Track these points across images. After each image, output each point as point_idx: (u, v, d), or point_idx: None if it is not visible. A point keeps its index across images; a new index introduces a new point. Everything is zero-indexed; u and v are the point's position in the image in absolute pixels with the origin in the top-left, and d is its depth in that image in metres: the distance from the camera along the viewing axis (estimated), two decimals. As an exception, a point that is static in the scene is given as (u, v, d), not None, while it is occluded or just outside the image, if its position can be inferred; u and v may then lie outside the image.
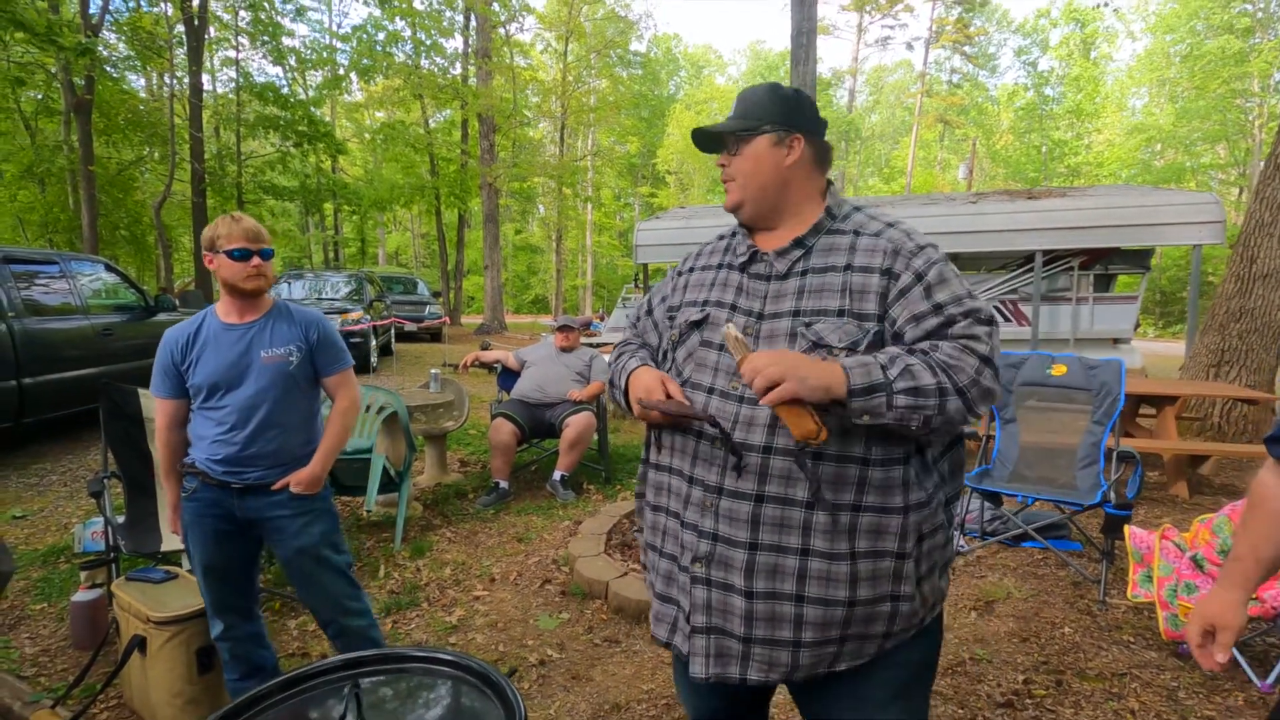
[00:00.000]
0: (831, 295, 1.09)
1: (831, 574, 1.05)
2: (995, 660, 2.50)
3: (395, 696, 1.08)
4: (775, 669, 1.09)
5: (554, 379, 4.58)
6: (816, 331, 1.07)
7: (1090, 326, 7.84)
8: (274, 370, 1.93)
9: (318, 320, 2.05)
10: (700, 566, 1.11)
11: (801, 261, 1.14)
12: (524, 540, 3.72)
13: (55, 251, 5.80)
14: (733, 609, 1.09)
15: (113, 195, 14.97)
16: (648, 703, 2.29)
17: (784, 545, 1.06)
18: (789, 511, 1.06)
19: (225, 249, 1.87)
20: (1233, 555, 1.14)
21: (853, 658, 1.09)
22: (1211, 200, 7.18)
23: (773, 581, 1.06)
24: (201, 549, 1.95)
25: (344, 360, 2.09)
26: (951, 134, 37.47)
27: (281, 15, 15.94)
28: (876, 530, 1.06)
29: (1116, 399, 3.28)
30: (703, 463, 1.12)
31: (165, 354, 1.94)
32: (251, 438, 1.91)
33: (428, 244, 34.17)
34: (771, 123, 1.16)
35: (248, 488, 1.92)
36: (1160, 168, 28.70)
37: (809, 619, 1.06)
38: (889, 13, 32.50)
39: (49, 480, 4.68)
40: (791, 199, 1.18)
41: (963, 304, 1.06)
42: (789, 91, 1.19)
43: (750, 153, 1.17)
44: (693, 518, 1.13)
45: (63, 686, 2.30)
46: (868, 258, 1.10)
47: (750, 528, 1.07)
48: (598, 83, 25.57)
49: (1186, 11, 27.79)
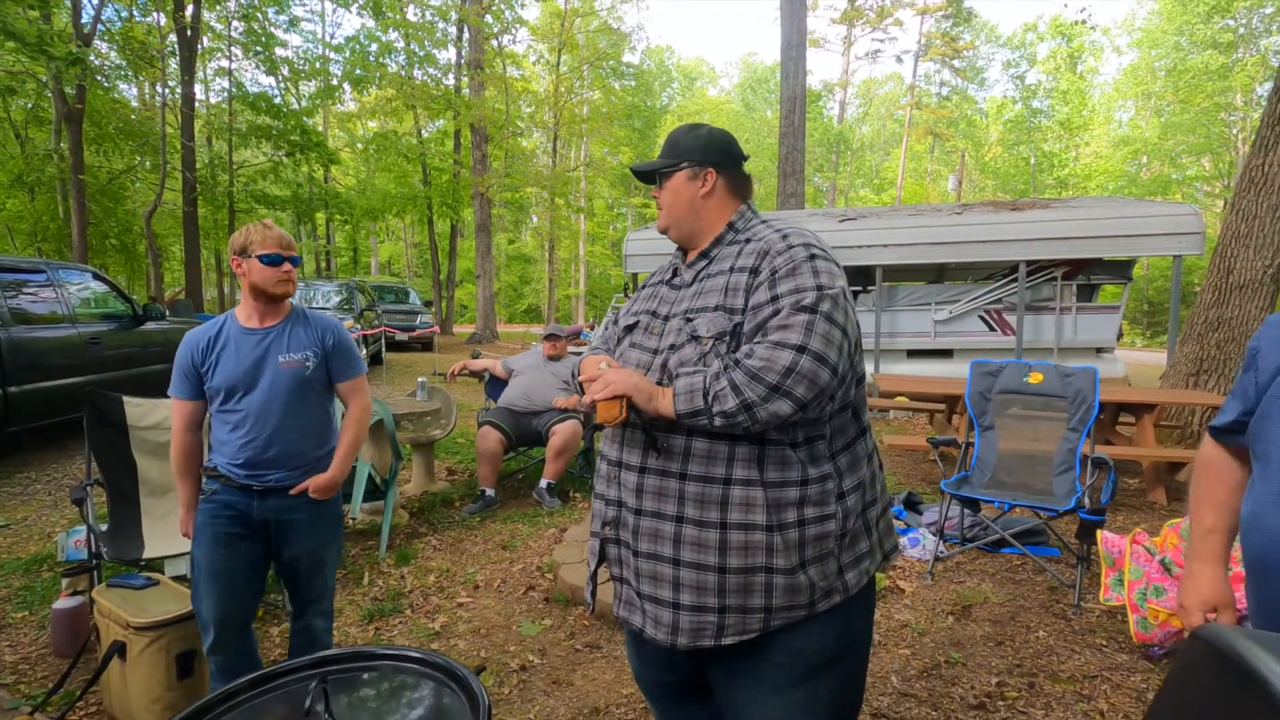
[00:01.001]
0: (713, 295, 1.24)
1: (702, 541, 1.16)
2: (970, 663, 2.53)
3: (362, 692, 1.11)
4: (660, 627, 1.21)
5: (541, 387, 4.61)
6: (694, 325, 1.22)
7: (1074, 336, 7.95)
8: (290, 375, 1.99)
9: (334, 327, 2.12)
10: (610, 530, 1.29)
11: (703, 270, 1.31)
12: (509, 548, 3.74)
13: (43, 260, 5.79)
14: (629, 565, 1.24)
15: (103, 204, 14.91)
16: (627, 706, 2.31)
17: (662, 512, 1.19)
18: (666, 482, 1.19)
19: (258, 254, 1.94)
20: (1204, 530, 1.17)
21: (738, 631, 1.17)
22: (1191, 212, 7.31)
23: (654, 544, 1.20)
24: (209, 552, 1.95)
25: (358, 367, 2.16)
26: (941, 146, 37.86)
27: (275, 26, 16.00)
28: (745, 503, 1.15)
29: (1091, 406, 3.34)
30: (608, 442, 1.31)
31: (185, 355, 1.99)
32: (269, 441, 1.96)
33: (420, 253, 34.17)
34: (688, 160, 1.35)
35: (268, 490, 1.98)
36: (1146, 180, 29.08)
37: (684, 581, 1.18)
38: (878, 26, 32.87)
39: (33, 489, 4.67)
40: (706, 222, 1.36)
41: (796, 294, 1.13)
42: (703, 131, 1.38)
43: (671, 186, 1.37)
44: (601, 489, 1.32)
45: (42, 693, 2.31)
46: (745, 259, 1.24)
47: (637, 495, 1.22)
48: (591, 94, 25.73)
49: (1171, 27, 28.28)
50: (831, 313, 1.12)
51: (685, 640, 1.18)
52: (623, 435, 1.27)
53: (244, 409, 1.95)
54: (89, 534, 2.68)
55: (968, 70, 37.06)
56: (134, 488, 2.99)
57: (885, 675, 2.46)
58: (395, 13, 17.14)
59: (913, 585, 3.20)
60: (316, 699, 1.00)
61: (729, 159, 1.37)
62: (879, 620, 2.86)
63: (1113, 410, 5.20)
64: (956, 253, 8.04)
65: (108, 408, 2.96)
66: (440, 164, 20.09)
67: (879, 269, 8.11)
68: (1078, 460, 3.32)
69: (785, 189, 14.04)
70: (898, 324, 8.41)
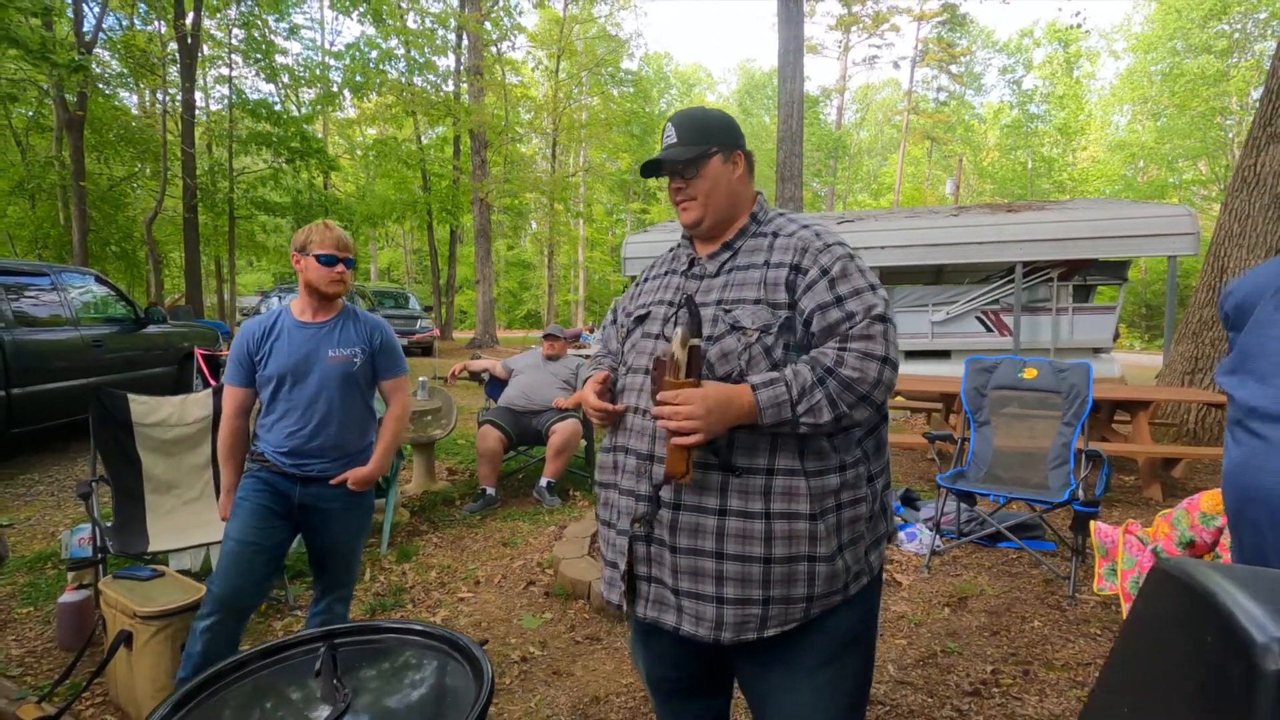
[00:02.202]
0: (750, 287, 1.23)
1: (747, 532, 1.15)
2: (966, 653, 2.56)
3: (370, 662, 1.14)
4: (703, 623, 1.17)
5: (540, 387, 4.65)
6: (734, 316, 1.20)
7: (1070, 336, 7.99)
8: (339, 369, 2.08)
9: (382, 326, 2.24)
10: (640, 526, 1.22)
11: (729, 261, 1.29)
12: (510, 545, 3.76)
13: (46, 264, 5.83)
14: (664, 562, 1.20)
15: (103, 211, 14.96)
16: (626, 695, 2.34)
17: (704, 506, 1.16)
18: (708, 475, 1.16)
19: (316, 253, 2.05)
20: None
21: (780, 622, 1.17)
22: (1185, 213, 7.36)
23: (695, 539, 1.17)
24: (243, 522, 2.01)
25: (402, 367, 2.27)
26: (939, 150, 38.00)
27: (275, 34, 16.09)
28: (789, 493, 1.15)
29: (1085, 400, 3.38)
30: (635, 435, 1.25)
31: (241, 344, 2.09)
32: (316, 431, 2.05)
33: (420, 259, 34.24)
34: (718, 144, 1.30)
35: (310, 478, 2.07)
36: (1144, 184, 29.20)
37: (728, 574, 1.16)
38: (875, 32, 33.03)
39: (36, 490, 4.69)
40: (740, 208, 1.33)
41: (863, 298, 1.17)
42: (718, 114, 1.34)
43: (708, 174, 1.30)
44: (629, 484, 1.25)
45: (48, 684, 2.33)
46: (781, 255, 1.24)
47: (674, 490, 1.18)
48: (589, 100, 25.85)
49: (1166, 33, 28.45)
50: (893, 319, 1.19)
51: (730, 635, 1.16)
52: (654, 429, 1.21)
53: (294, 399, 2.05)
54: (94, 528, 2.71)
55: (965, 75, 37.23)
56: (139, 484, 3.02)
57: (882, 664, 2.49)
58: (395, 20, 17.24)
59: (910, 579, 3.23)
60: (326, 664, 1.03)
61: (743, 139, 1.35)
62: (876, 612, 2.89)
63: (1109, 408, 5.23)
64: (953, 254, 8.09)
65: (113, 405, 2.99)
66: (440, 170, 20.17)
67: (876, 270, 8.16)
68: (1072, 454, 3.35)
69: (783, 193, 14.10)
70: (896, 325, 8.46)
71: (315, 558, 2.19)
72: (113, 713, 2.24)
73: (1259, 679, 0.38)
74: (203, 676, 1.05)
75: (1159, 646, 0.53)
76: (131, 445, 3.04)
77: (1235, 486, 1.00)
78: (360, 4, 16.43)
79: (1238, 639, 0.40)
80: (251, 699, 1.05)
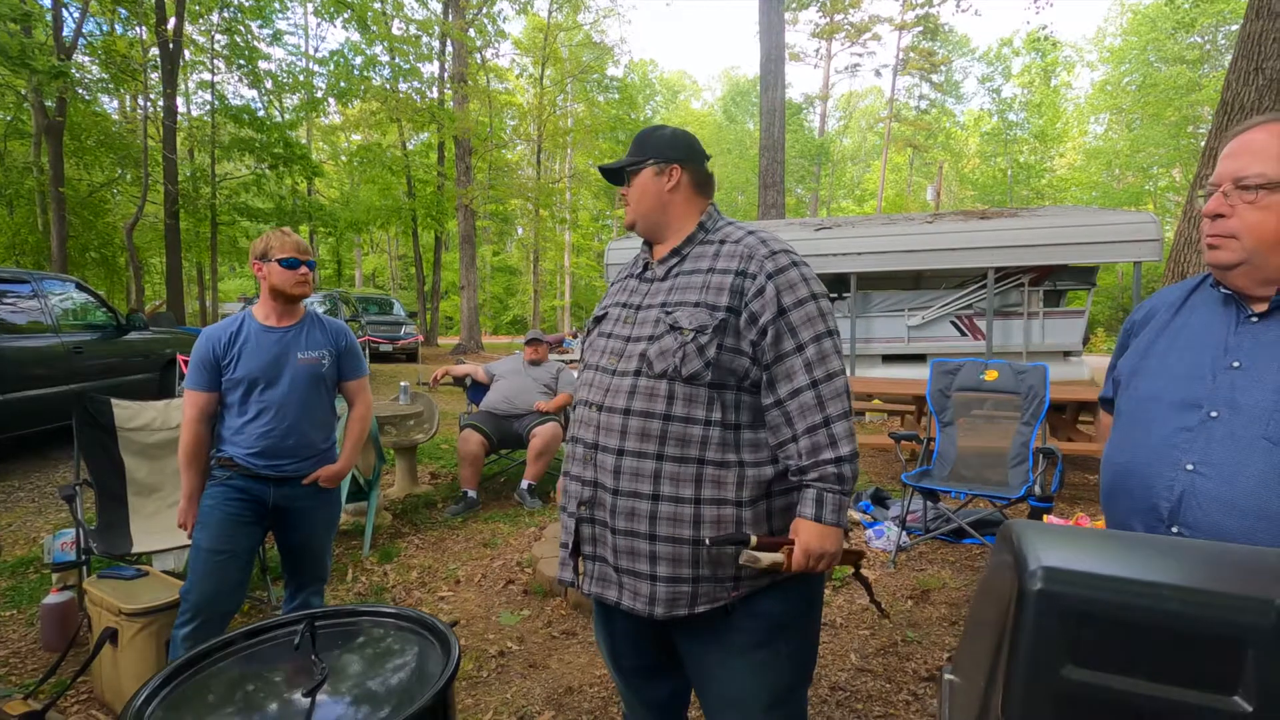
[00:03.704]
0: (692, 291, 1.34)
1: (677, 516, 1.26)
2: (925, 642, 2.68)
3: (345, 640, 1.23)
4: (639, 599, 1.29)
5: (522, 391, 4.73)
6: (674, 318, 1.31)
7: (1041, 340, 8.19)
8: (308, 370, 2.17)
9: (346, 330, 2.34)
10: (585, 509, 1.34)
11: (677, 267, 1.40)
12: (490, 545, 3.84)
13: (26, 270, 5.84)
14: (607, 542, 1.32)
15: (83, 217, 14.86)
16: (599, 685, 2.43)
17: (639, 491, 1.28)
18: (643, 464, 1.27)
19: (277, 258, 2.12)
20: None
21: (709, 599, 1.28)
22: (1149, 220, 7.60)
23: (631, 521, 1.28)
24: (216, 532, 2.06)
25: (364, 368, 2.38)
26: (920, 158, 38.54)
27: (258, 40, 16.09)
28: (718, 481, 1.27)
29: (1043, 401, 3.53)
30: (583, 426, 1.37)
31: (206, 348, 2.13)
32: (288, 432, 2.13)
33: (404, 266, 34.17)
34: (654, 157, 1.43)
35: (283, 478, 2.14)
36: (1120, 191, 29.82)
37: (661, 555, 1.27)
38: (857, 41, 33.52)
39: (16, 496, 4.71)
40: (672, 218, 1.44)
41: (805, 309, 1.29)
42: (669, 131, 1.47)
43: (638, 182, 1.44)
44: (577, 471, 1.36)
45: (33, 683, 2.38)
46: (727, 261, 1.34)
47: (614, 476, 1.29)
48: (574, 106, 25.99)
49: (1141, 43, 29.11)
50: (835, 328, 1.32)
51: (662, 610, 1.27)
52: (598, 420, 1.33)
53: (265, 401, 2.11)
54: (78, 530, 2.76)
55: (945, 84, 37.83)
56: (122, 487, 3.08)
57: (844, 653, 2.60)
58: (380, 26, 17.29)
59: (875, 574, 3.35)
60: (305, 642, 1.12)
61: (693, 156, 1.45)
62: (841, 605, 3.01)
63: (1074, 409, 5.41)
64: (928, 260, 8.27)
65: (96, 410, 3.05)
66: (424, 176, 20.21)
67: (853, 276, 8.33)
68: (1030, 452, 3.50)
69: (766, 200, 14.30)
70: (872, 330, 8.63)
71: (289, 556, 2.26)
72: (98, 708, 2.30)
73: (1027, 593, 0.51)
74: (191, 654, 1.14)
75: (992, 579, 0.67)
76: (115, 449, 3.09)
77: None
78: (344, 10, 16.46)
79: (1022, 568, 0.52)
80: (237, 673, 1.14)
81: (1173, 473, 1.05)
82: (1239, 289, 1.10)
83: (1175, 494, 1.04)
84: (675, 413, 1.27)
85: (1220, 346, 1.09)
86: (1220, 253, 1.08)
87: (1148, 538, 0.91)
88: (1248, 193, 1.04)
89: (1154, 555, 0.56)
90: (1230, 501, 0.99)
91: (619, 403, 1.31)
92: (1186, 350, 1.13)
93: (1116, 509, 1.17)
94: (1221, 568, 0.52)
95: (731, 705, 1.34)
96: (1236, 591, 0.48)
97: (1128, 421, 1.19)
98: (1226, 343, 1.08)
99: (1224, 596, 0.48)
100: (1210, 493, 1.01)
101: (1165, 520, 1.05)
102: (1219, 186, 1.08)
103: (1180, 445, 1.06)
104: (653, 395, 1.28)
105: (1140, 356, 1.21)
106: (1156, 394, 1.13)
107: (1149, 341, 1.21)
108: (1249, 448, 1.00)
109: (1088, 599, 0.51)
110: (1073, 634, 0.50)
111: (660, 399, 1.28)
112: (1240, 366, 1.05)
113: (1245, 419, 1.01)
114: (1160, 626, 0.49)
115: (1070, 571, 0.52)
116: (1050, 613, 0.51)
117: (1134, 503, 1.11)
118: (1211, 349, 1.09)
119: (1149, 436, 1.11)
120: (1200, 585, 0.49)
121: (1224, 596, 0.48)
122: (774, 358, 1.28)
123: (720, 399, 1.28)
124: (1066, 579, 0.51)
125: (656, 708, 1.56)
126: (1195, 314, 1.17)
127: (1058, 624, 0.51)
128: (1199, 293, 1.19)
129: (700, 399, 1.27)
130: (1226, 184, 1.07)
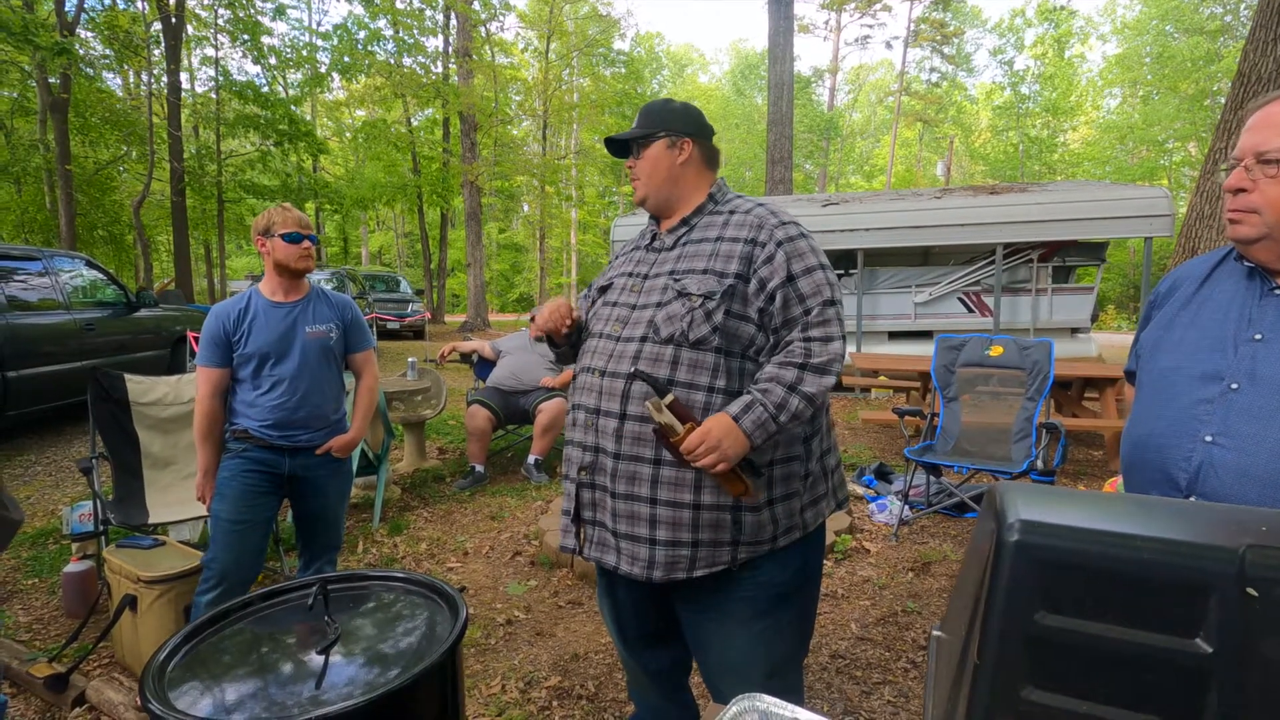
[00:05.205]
0: (700, 259, 1.35)
1: (678, 480, 1.28)
2: (924, 612, 2.73)
3: (357, 602, 1.27)
4: (637, 562, 1.31)
5: (528, 367, 4.77)
6: (683, 284, 1.32)
7: (1049, 316, 8.15)
8: (317, 344, 2.23)
9: (351, 304, 2.40)
10: (585, 474, 1.35)
11: (685, 236, 1.41)
12: (497, 518, 3.91)
13: (38, 248, 5.89)
14: (606, 507, 1.33)
15: (90, 195, 14.90)
16: (604, 653, 2.49)
17: (640, 456, 1.29)
18: (645, 427, 1.29)
19: (280, 233, 2.16)
20: None
21: (708, 563, 1.30)
22: (1161, 195, 7.50)
23: (631, 485, 1.30)
24: (233, 503, 2.13)
25: (370, 340, 2.43)
26: (931, 132, 37.98)
27: (261, 14, 15.93)
28: None
29: (1047, 377, 3.53)
30: (584, 392, 1.38)
31: (216, 325, 2.18)
32: (300, 403, 2.19)
33: (411, 243, 34.13)
34: (666, 130, 1.42)
35: (297, 448, 2.20)
36: (1134, 166, 29.34)
37: (661, 519, 1.28)
38: (867, 11, 32.86)
39: (34, 471, 4.80)
40: (683, 191, 1.45)
41: (814, 277, 1.30)
42: (679, 104, 1.47)
43: (649, 155, 1.44)
44: (578, 437, 1.38)
45: (56, 647, 2.47)
46: (737, 230, 1.35)
47: (616, 441, 1.31)
48: (580, 81, 25.69)
49: (1158, 12, 28.43)
50: (840, 299, 1.33)
51: (660, 574, 1.29)
52: (601, 385, 1.34)
53: (277, 374, 2.17)
54: (96, 502, 2.83)
55: (956, 56, 37.13)
56: (137, 461, 3.14)
57: (845, 623, 2.65)
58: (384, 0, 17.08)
59: (878, 546, 3.40)
60: (319, 603, 1.16)
61: (703, 130, 1.47)
62: (843, 576, 3.06)
63: (1080, 385, 5.40)
64: (937, 236, 8.21)
65: (110, 385, 3.10)
66: (430, 152, 20.10)
67: (860, 252, 8.29)
68: (1034, 427, 3.51)
69: (773, 175, 14.18)
70: (879, 306, 8.60)
71: (304, 524, 2.33)
72: (119, 671, 2.38)
73: (1004, 544, 0.54)
74: (211, 613, 1.18)
75: (977, 540, 0.69)
76: (129, 423, 3.15)
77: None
78: (347, -17, 16.24)
79: (1001, 521, 0.55)
80: (255, 632, 1.19)
81: (1191, 444, 1.06)
82: (1262, 263, 1.09)
83: (1194, 465, 1.05)
84: (679, 378, 1.29)
85: (1243, 319, 1.08)
86: (1242, 227, 1.07)
87: (1126, 496, 0.93)
88: (1270, 167, 1.03)
89: (1130, 511, 0.59)
90: (1247, 471, 0.99)
91: (623, 368, 1.32)
92: (1209, 323, 1.12)
93: (1135, 480, 1.18)
94: (1195, 523, 0.55)
95: (731, 671, 1.37)
96: (1205, 541, 0.50)
97: (1149, 394, 1.19)
98: (1249, 315, 1.08)
99: (1193, 546, 0.51)
100: (1228, 463, 1.01)
101: (1183, 491, 1.05)
102: (1240, 161, 1.07)
103: (1200, 417, 1.06)
104: (657, 361, 1.30)
105: (1163, 329, 1.20)
106: (1177, 366, 1.13)
107: (1173, 314, 1.21)
108: (1269, 419, 1.00)
109: (1063, 549, 0.53)
110: (1048, 582, 0.53)
111: (665, 364, 1.29)
112: (1262, 339, 1.05)
113: (1265, 390, 1.01)
114: (1132, 575, 0.51)
115: (1047, 524, 0.54)
116: (1026, 561, 0.54)
117: (1152, 474, 1.12)
118: (1234, 321, 1.09)
119: (1168, 408, 1.11)
120: (1172, 536, 0.52)
121: (1193, 546, 0.51)
122: (782, 322, 1.30)
123: (726, 366, 1.29)
124: (1044, 530, 0.54)
125: (659, 675, 1.59)
126: (1219, 287, 1.16)
127: (1034, 573, 0.54)
128: (1224, 265, 1.18)
129: (705, 365, 1.29)
130: (1248, 158, 1.05)
